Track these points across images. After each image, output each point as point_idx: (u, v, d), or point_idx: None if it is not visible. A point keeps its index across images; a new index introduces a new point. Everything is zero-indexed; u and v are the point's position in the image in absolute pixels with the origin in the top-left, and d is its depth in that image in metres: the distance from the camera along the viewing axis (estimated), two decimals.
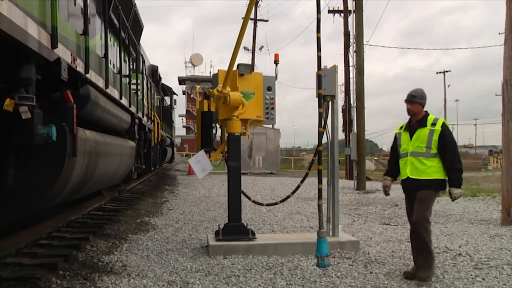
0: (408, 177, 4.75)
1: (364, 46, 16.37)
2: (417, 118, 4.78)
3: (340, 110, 4.40)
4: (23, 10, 3.96)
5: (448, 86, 68.00)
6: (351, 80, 21.01)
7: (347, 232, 6.87)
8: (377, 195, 13.27)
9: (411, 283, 4.50)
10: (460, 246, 6.17)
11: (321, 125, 5.60)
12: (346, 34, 21.84)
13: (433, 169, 4.63)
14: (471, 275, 4.82)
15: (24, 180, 4.50)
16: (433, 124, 4.67)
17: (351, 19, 19.05)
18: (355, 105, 17.39)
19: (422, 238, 4.59)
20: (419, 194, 4.65)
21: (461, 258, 5.55)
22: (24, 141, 4.28)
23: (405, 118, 4.94)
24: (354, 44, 17.51)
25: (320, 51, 5.39)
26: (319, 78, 5.53)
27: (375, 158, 58.65)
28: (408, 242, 6.42)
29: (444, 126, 4.65)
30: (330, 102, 6.20)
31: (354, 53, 17.31)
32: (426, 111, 4.81)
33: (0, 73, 4.21)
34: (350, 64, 21.07)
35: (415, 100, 4.76)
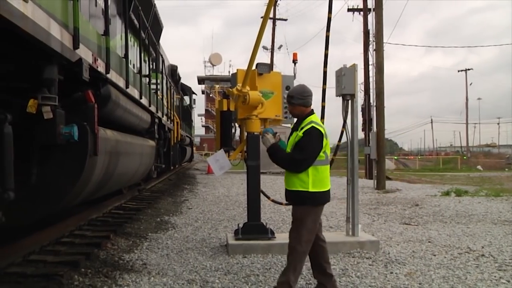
0: (285, 188, 4.15)
1: (384, 44, 16.21)
2: (300, 119, 4.11)
3: (359, 109, 4.36)
4: (46, 11, 4.02)
5: (470, 84, 66.98)
6: (370, 79, 20.84)
7: (367, 232, 6.82)
8: (397, 195, 13.13)
9: None
10: (483, 247, 6.07)
11: (323, 117, 5.94)
12: (366, 33, 21.64)
13: (297, 180, 3.95)
14: (495, 276, 4.74)
15: (47, 179, 4.57)
16: (302, 129, 3.96)
17: (371, 17, 18.90)
18: (374, 104, 17.24)
19: (289, 261, 3.98)
20: (293, 212, 4.08)
21: (484, 259, 5.46)
22: (47, 141, 4.36)
23: (426, 117, 4.80)
24: (374, 43, 17.35)
25: (327, 49, 5.75)
26: (324, 74, 6.00)
27: (395, 158, 58.24)
28: (429, 242, 6.37)
29: (306, 133, 3.90)
30: (349, 101, 6.16)
31: (374, 52, 17.15)
32: (311, 110, 4.12)
33: (24, 74, 4.29)
34: (370, 62, 20.90)
35: (293, 101, 4.07)
